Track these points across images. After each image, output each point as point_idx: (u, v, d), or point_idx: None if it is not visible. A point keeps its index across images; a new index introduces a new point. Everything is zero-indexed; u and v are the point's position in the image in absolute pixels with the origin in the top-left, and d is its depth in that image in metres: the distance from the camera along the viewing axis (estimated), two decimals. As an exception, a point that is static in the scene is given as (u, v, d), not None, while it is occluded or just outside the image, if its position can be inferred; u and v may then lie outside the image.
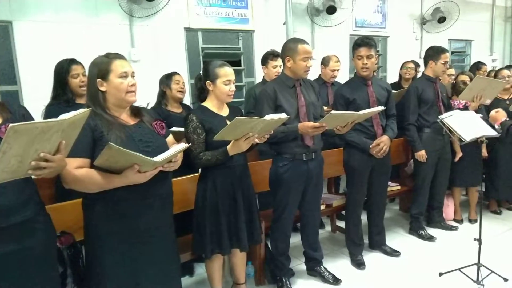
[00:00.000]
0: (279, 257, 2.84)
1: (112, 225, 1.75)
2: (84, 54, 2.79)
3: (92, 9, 3.76)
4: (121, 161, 1.60)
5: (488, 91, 3.50)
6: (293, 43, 2.60)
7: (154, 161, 1.62)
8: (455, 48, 7.18)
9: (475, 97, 3.49)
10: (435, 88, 3.52)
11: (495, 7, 7.41)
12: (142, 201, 1.78)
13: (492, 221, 3.97)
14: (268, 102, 2.57)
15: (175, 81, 3.18)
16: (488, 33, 7.50)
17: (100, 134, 1.69)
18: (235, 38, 4.68)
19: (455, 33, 6.82)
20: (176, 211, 2.36)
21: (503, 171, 3.93)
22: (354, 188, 3.11)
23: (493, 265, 2.86)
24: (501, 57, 7.69)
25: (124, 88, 1.76)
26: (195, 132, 2.22)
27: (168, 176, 1.92)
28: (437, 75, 3.56)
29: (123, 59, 1.81)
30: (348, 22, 5.45)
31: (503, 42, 7.77)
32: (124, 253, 1.78)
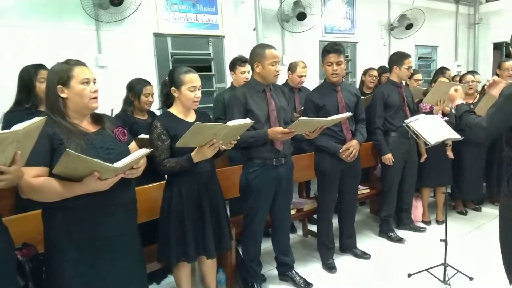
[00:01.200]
0: (251, 263, 2.83)
1: (72, 234, 1.70)
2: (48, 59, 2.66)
3: (56, 13, 3.66)
4: (81, 168, 1.56)
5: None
6: (261, 49, 2.61)
7: (114, 167, 1.58)
8: (422, 54, 7.40)
9: (439, 100, 3.57)
10: (400, 93, 3.59)
11: (458, 14, 7.70)
12: (103, 209, 1.74)
13: (458, 221, 4.08)
14: (238, 107, 2.57)
15: (145, 93, 3.09)
16: (453, 39, 7.78)
17: (59, 142, 1.65)
18: (205, 44, 4.65)
19: (422, 39, 7.04)
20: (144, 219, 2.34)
21: (467, 173, 4.04)
22: (325, 192, 3.14)
23: (459, 264, 2.93)
24: (465, 62, 7.98)
25: (87, 94, 1.73)
26: (159, 139, 2.19)
27: (131, 183, 1.88)
28: (402, 79, 3.65)
29: (85, 66, 1.78)
30: (318, 28, 5.53)
31: (467, 48, 8.07)
32: (86, 264, 1.73)
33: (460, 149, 3.95)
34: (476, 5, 7.83)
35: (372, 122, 3.58)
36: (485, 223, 3.98)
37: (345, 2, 5.89)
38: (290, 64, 4.06)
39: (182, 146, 2.04)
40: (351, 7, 5.97)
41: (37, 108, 2.60)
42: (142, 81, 3.13)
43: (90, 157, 1.52)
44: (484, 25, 7.86)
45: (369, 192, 3.97)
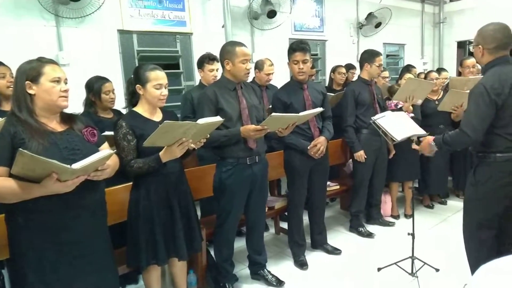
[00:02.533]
0: (223, 264, 2.80)
1: (35, 239, 1.64)
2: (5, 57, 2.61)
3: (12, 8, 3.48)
4: (38, 169, 1.50)
5: (419, 92, 3.68)
6: (231, 46, 2.58)
7: (72, 168, 1.52)
8: (390, 52, 7.55)
9: (408, 97, 3.65)
10: (370, 90, 3.65)
11: (424, 13, 7.90)
12: (67, 212, 1.69)
13: (425, 215, 4.18)
14: (209, 105, 2.53)
15: (105, 91, 3.01)
16: (419, 37, 7.98)
17: (20, 141, 1.59)
18: (172, 41, 4.56)
19: (389, 38, 7.19)
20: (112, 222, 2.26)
21: (433, 167, 4.14)
22: (295, 189, 3.14)
23: (426, 257, 3.01)
24: (431, 60, 8.20)
25: (56, 92, 1.69)
26: (125, 139, 2.12)
27: (99, 186, 1.83)
28: (373, 77, 3.70)
29: (57, 65, 1.76)
30: (287, 26, 5.54)
31: (432, 46, 8.30)
32: (49, 269, 1.67)
33: None
34: (441, 5, 8.06)
35: (344, 120, 3.61)
36: (450, 216, 4.09)
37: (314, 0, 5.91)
38: (257, 62, 4.04)
39: (149, 146, 1.98)
40: (320, 5, 6.01)
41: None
42: (100, 79, 3.05)
43: (45, 158, 1.45)
44: (448, 24, 8.10)
45: (339, 189, 4.01)
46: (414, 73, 4.90)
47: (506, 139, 2.19)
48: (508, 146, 2.20)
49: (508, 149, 2.20)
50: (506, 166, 2.22)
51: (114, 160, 1.91)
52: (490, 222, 2.31)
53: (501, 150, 2.21)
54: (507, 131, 2.19)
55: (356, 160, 3.64)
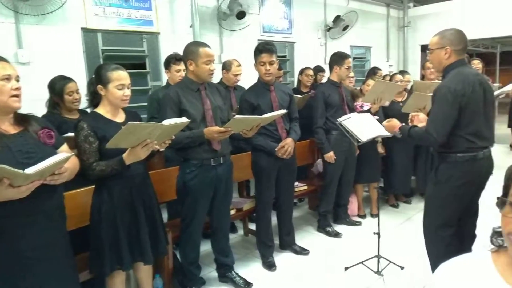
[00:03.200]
0: (189, 267, 2.77)
1: None
2: None
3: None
4: None
5: (386, 93, 3.77)
6: (195, 46, 2.55)
7: (25, 173, 1.44)
8: (356, 54, 7.70)
9: (376, 99, 3.73)
10: (340, 92, 3.69)
11: (389, 17, 8.11)
12: (24, 218, 1.62)
13: (390, 214, 4.27)
14: (172, 106, 2.49)
15: (68, 92, 2.92)
16: (385, 40, 8.17)
17: None
18: (139, 40, 4.46)
19: (356, 40, 7.33)
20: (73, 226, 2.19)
21: (398, 167, 4.26)
22: (263, 190, 3.14)
23: (391, 255, 3.08)
24: (396, 62, 8.42)
25: (6, 91, 1.59)
26: (87, 141, 2.04)
27: (56, 190, 1.76)
28: (342, 79, 3.74)
29: (6, 62, 1.65)
30: (256, 27, 5.55)
31: (397, 49, 8.53)
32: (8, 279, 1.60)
33: (390, 145, 4.17)
34: (405, 9, 8.32)
35: (314, 121, 3.64)
36: (414, 214, 4.19)
37: (282, 2, 5.95)
38: (224, 63, 4.02)
39: (112, 148, 1.92)
40: (289, 7, 6.05)
41: None
42: (63, 79, 2.95)
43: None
44: (412, 28, 8.36)
45: (307, 189, 4.05)
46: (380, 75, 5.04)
47: (467, 140, 2.26)
48: (468, 147, 2.27)
49: (469, 150, 2.27)
50: (466, 166, 2.29)
51: (73, 163, 1.84)
52: (450, 220, 2.38)
53: (462, 150, 2.28)
54: (467, 131, 2.25)
55: (326, 161, 3.68)
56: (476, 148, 2.28)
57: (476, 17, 7.26)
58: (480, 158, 2.30)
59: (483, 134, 2.30)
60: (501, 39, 10.85)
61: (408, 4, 8.32)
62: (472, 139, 2.26)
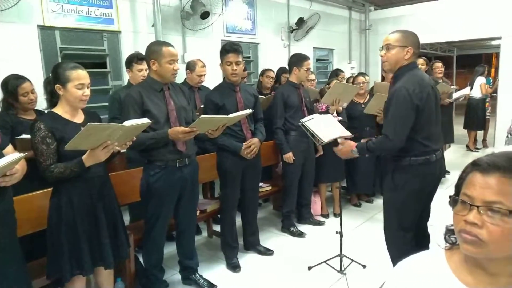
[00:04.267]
0: (152, 270, 2.73)
1: None
2: None
3: None
4: None
5: (344, 95, 3.87)
6: (158, 46, 2.52)
7: None
8: (319, 56, 7.82)
9: (334, 100, 3.81)
10: (299, 94, 3.74)
11: (351, 20, 8.30)
12: None
13: (353, 213, 4.35)
14: (134, 107, 2.44)
15: (22, 93, 2.81)
16: (347, 43, 8.35)
17: None
18: (99, 39, 4.33)
19: (319, 42, 7.45)
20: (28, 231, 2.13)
21: (360, 167, 4.33)
22: (228, 191, 3.13)
23: (354, 254, 3.14)
24: (358, 64, 8.64)
25: None
26: (44, 142, 1.97)
27: (6, 192, 1.70)
28: (301, 81, 3.79)
29: None
30: (219, 28, 5.53)
31: (359, 51, 8.74)
32: None
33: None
34: (366, 12, 8.54)
35: (273, 122, 3.66)
36: (376, 214, 4.28)
37: (245, 3, 5.96)
38: (188, 63, 3.98)
39: (71, 149, 1.87)
40: (252, 8, 6.07)
41: None
42: (16, 79, 2.83)
43: None
44: (373, 30, 8.59)
45: (272, 189, 4.08)
46: (342, 77, 5.15)
47: (421, 143, 2.28)
48: (422, 151, 2.29)
49: (423, 153, 2.29)
50: (421, 170, 2.30)
51: (22, 164, 1.78)
52: (409, 223, 2.40)
53: (416, 154, 2.29)
54: (422, 135, 2.27)
55: (285, 161, 3.71)
56: (429, 151, 2.31)
57: (434, 22, 7.59)
58: (434, 160, 2.33)
59: (436, 137, 2.34)
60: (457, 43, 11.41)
61: (369, 7, 8.55)
62: (426, 142, 2.28)
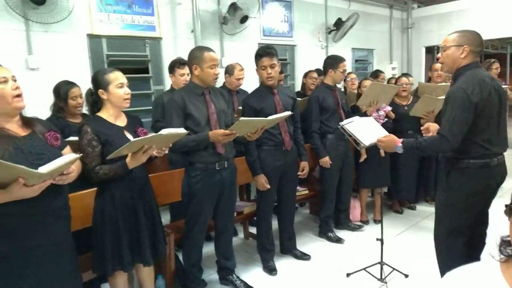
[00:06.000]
0: (191, 269, 2.80)
1: (2, 245, 1.63)
2: None
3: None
4: (4, 174, 1.48)
5: (383, 96, 3.72)
6: (199, 51, 2.58)
7: (39, 173, 1.51)
8: (358, 57, 7.67)
9: (372, 102, 3.70)
10: (334, 96, 3.66)
11: (392, 19, 8.07)
12: (31, 217, 1.68)
13: (394, 220, 4.21)
14: (177, 111, 2.52)
15: (72, 97, 2.98)
16: (388, 42, 8.14)
17: None
18: (142, 45, 4.51)
19: (358, 43, 7.32)
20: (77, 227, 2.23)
21: (403, 173, 4.16)
22: (264, 194, 3.13)
23: (395, 262, 3.03)
24: (399, 65, 8.38)
25: (7, 93, 1.64)
26: (90, 145, 2.09)
27: (63, 190, 1.82)
28: (336, 83, 3.73)
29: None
30: (256, 31, 5.57)
31: (400, 51, 8.48)
32: (17, 275, 1.66)
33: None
34: (409, 10, 8.26)
35: (308, 126, 3.62)
36: (419, 221, 4.14)
37: (282, 5, 5.96)
38: (227, 67, 4.04)
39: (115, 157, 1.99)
40: (289, 11, 6.06)
41: None
42: (67, 84, 3.01)
43: (12, 163, 1.44)
44: (416, 29, 8.30)
45: (308, 194, 4.04)
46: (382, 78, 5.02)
47: (482, 146, 2.16)
48: (482, 153, 2.17)
49: (483, 156, 2.18)
50: (479, 173, 2.19)
51: (77, 165, 1.90)
52: (461, 228, 2.27)
53: (475, 157, 2.18)
54: (482, 137, 2.16)
55: (322, 165, 3.67)
56: (490, 155, 2.19)
57: (484, 18, 7.10)
58: (494, 165, 2.20)
59: (497, 140, 2.21)
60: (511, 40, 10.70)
61: (412, 5, 8.27)
62: (486, 145, 2.16)
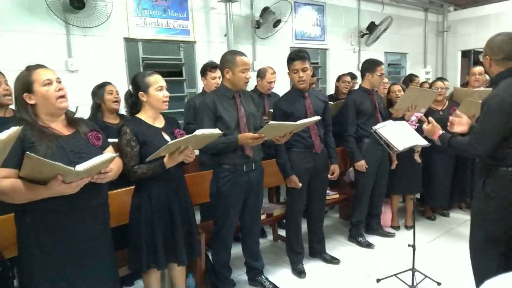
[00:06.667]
0: (221, 269, 2.84)
1: (40, 238, 1.72)
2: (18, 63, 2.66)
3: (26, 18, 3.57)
4: (44, 171, 1.56)
5: (421, 100, 3.62)
6: (231, 55, 2.63)
7: (75, 170, 1.57)
8: (391, 61, 7.54)
9: (410, 106, 3.62)
10: (372, 100, 3.63)
11: (427, 22, 7.89)
12: (72, 213, 1.76)
13: (426, 226, 4.12)
14: (208, 113, 2.58)
15: (108, 91, 3.11)
16: (422, 46, 7.96)
17: (30, 145, 1.66)
18: (176, 49, 4.63)
19: (391, 46, 7.19)
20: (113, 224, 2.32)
21: (437, 179, 4.06)
22: (294, 197, 3.15)
23: (427, 269, 2.96)
24: (434, 69, 8.17)
25: (52, 95, 1.74)
26: (129, 145, 2.17)
27: (102, 188, 1.89)
28: (374, 86, 3.69)
29: (45, 68, 1.79)
30: (288, 35, 5.59)
31: (435, 55, 8.26)
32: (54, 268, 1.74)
33: (429, 155, 3.96)
34: (445, 13, 8.04)
35: (344, 129, 3.60)
36: (453, 228, 4.04)
37: (315, 9, 5.96)
38: (259, 70, 4.08)
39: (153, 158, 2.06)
40: (321, 14, 6.05)
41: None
42: (102, 84, 3.15)
43: (53, 161, 1.52)
44: (452, 33, 8.07)
45: (339, 197, 4.01)
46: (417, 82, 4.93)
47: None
48: None
49: None
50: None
51: (117, 164, 1.97)
52: (497, 237, 2.17)
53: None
54: None
55: (357, 169, 3.63)
56: None
57: None
58: None
59: None
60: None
61: (448, 8, 8.05)
62: None
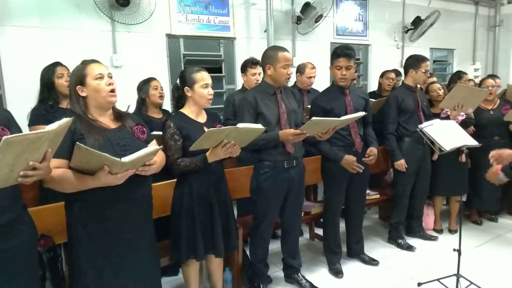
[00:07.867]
0: (258, 264, 2.84)
1: (88, 227, 1.80)
2: (67, 59, 2.85)
3: (75, 15, 3.72)
4: (92, 162, 1.64)
5: (469, 99, 3.42)
6: (273, 51, 2.61)
7: (121, 162, 1.64)
8: (437, 57, 7.23)
9: (456, 105, 3.44)
10: (415, 97, 3.50)
11: (478, 16, 7.47)
12: (118, 204, 1.83)
13: (472, 231, 3.94)
14: (249, 109, 2.58)
15: (153, 87, 3.20)
16: (471, 42, 7.55)
17: (79, 137, 1.74)
18: (216, 45, 4.66)
19: (437, 42, 6.89)
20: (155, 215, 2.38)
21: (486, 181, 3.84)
22: (332, 196, 3.10)
23: (473, 276, 2.83)
24: (483, 66, 7.74)
25: (102, 88, 1.82)
26: (172, 138, 2.22)
27: (147, 180, 1.96)
28: (417, 84, 3.56)
29: (98, 63, 1.89)
30: (329, 30, 5.48)
31: (485, 51, 7.82)
32: (100, 256, 1.82)
33: (478, 157, 3.69)
34: (497, 7, 7.55)
35: (385, 127, 3.50)
36: (501, 234, 3.85)
37: (357, 4, 5.81)
38: (298, 66, 4.05)
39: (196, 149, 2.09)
40: (364, 9, 5.89)
41: (58, 105, 2.76)
42: (147, 79, 3.25)
43: (99, 151, 1.59)
44: (505, 27, 7.58)
45: (379, 198, 3.92)
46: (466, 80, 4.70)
47: None
48: None
49: None
50: None
51: (161, 157, 2.02)
52: None
53: None
54: None
55: (397, 169, 3.52)
56: None
57: None
58: None
59: None
60: None
61: (501, 1, 7.57)
62: None
